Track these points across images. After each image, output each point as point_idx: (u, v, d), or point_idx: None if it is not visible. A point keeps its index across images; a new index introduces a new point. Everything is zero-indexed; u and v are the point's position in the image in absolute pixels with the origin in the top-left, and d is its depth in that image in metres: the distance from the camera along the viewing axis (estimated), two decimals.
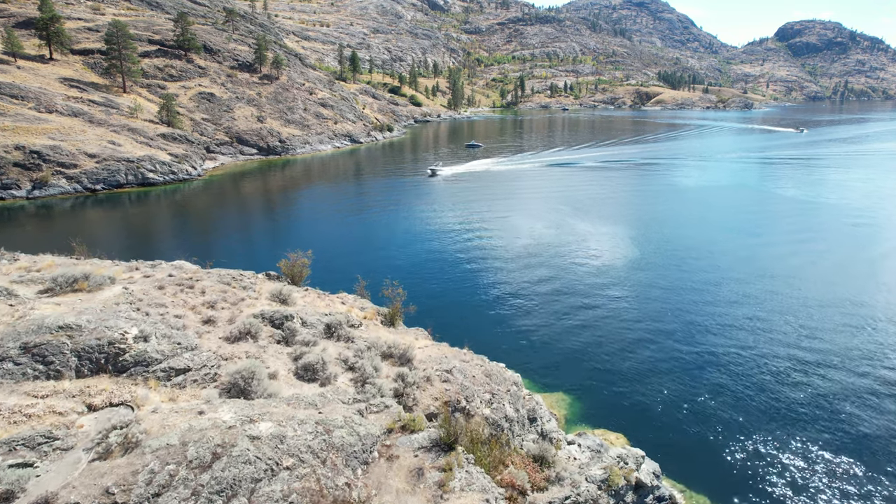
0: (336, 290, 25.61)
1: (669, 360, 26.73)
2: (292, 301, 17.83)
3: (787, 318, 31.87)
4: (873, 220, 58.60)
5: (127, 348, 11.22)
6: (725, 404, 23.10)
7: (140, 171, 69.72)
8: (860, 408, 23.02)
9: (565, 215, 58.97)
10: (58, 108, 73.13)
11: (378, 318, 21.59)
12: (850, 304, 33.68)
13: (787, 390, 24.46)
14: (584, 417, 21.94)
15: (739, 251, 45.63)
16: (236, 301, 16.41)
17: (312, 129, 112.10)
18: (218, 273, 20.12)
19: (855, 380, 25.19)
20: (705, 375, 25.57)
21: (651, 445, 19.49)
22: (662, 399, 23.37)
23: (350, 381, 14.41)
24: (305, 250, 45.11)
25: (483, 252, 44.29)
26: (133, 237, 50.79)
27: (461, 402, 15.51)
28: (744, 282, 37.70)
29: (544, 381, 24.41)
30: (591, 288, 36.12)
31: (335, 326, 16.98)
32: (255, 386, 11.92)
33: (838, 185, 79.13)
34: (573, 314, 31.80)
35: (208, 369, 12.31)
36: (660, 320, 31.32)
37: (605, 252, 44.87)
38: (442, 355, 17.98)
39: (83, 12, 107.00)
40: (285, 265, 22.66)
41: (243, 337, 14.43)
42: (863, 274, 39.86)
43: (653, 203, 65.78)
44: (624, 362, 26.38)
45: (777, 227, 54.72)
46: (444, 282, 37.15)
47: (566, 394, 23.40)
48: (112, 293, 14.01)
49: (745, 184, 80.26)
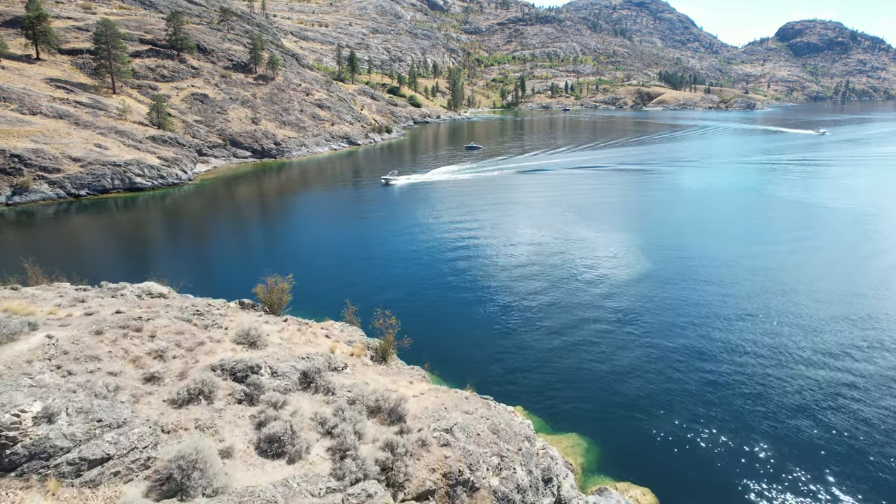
0: (322, 317, 22.82)
1: (700, 393, 23.88)
2: (263, 343, 15.02)
3: (840, 342, 29.08)
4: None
5: (20, 435, 8.45)
6: (778, 451, 20.18)
7: (127, 176, 66.90)
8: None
9: (571, 224, 56.17)
10: (42, 109, 70.32)
11: (368, 354, 18.82)
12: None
13: (852, 429, 21.67)
14: (604, 466, 19.14)
15: (801, 269, 41.29)
16: (193, 346, 13.63)
17: (309, 131, 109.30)
18: (181, 305, 17.34)
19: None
20: (744, 410, 22.72)
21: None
22: (694, 443, 20.57)
23: (327, 451, 11.63)
24: (293, 262, 42.35)
25: (482, 270, 41.34)
26: (108, 250, 47.64)
27: (463, 471, 12.75)
28: (795, 301, 34.72)
29: (556, 422, 21.62)
30: (603, 311, 33.08)
31: (313, 374, 14.19)
32: (196, 478, 9.14)
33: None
34: (584, 341, 28.92)
35: (139, 453, 9.53)
36: (688, 347, 28.45)
37: (616, 267, 42.01)
38: (440, 405, 15.21)
39: (73, 11, 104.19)
40: (262, 292, 19.87)
41: (195, 398, 11.65)
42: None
43: (684, 216, 61.28)
44: (647, 398, 23.55)
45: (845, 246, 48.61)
46: (441, 305, 34.13)
47: (582, 437, 20.59)
48: (26, 346, 11.22)
49: (785, 194, 72.78)
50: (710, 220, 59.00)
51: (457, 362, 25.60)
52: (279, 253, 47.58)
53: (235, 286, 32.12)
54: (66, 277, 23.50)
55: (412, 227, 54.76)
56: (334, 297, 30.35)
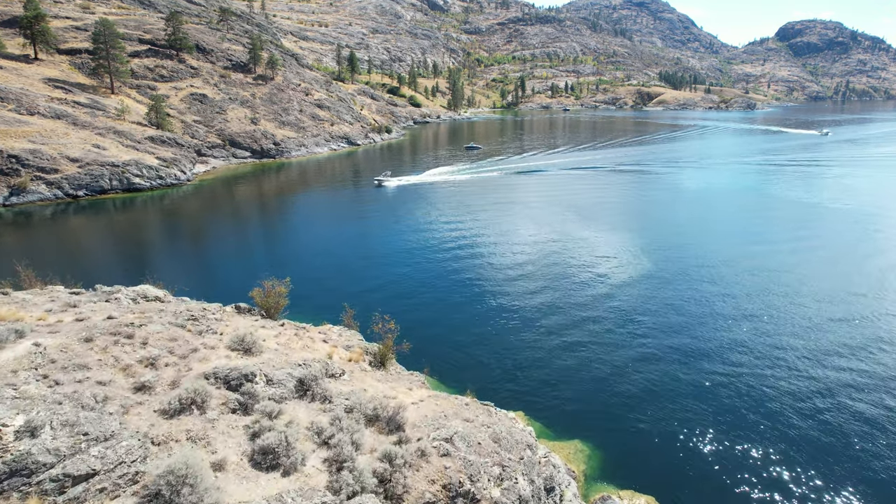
0: (320, 321, 22.50)
1: (706, 396, 23.49)
2: (258, 349, 14.65)
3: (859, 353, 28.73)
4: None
5: (0, 451, 8.09)
6: (788, 456, 19.76)
7: (125, 176, 66.52)
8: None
9: (570, 223, 55.83)
10: (40, 109, 69.95)
11: (366, 359, 18.46)
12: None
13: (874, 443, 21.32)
14: (606, 473, 18.77)
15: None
16: (186, 353, 13.26)
17: (308, 131, 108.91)
18: (175, 309, 16.98)
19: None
20: (751, 414, 22.36)
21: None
22: (700, 449, 20.20)
23: (323, 463, 11.27)
24: (292, 264, 42.00)
25: (482, 271, 40.94)
26: (105, 251, 47.21)
27: (464, 483, 12.38)
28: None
29: (558, 427, 21.24)
30: (604, 311, 32.69)
31: (310, 382, 13.83)
32: (186, 494, 8.78)
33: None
34: (586, 342, 28.56)
35: (126, 467, 9.17)
36: (692, 349, 28.08)
37: (616, 268, 41.66)
38: (440, 413, 14.85)
39: (72, 11, 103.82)
40: (259, 295, 19.50)
41: (187, 408, 11.29)
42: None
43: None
44: (651, 401, 23.18)
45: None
46: (440, 306, 33.72)
47: (584, 442, 20.21)
48: (12, 355, 10.85)
49: (787, 194, 71.88)
50: (711, 220, 58.64)
51: (457, 366, 25.24)
52: (278, 254, 47.24)
53: (233, 288, 31.85)
54: (60, 280, 23.15)
55: (411, 227, 54.41)
56: (333, 298, 30.00)
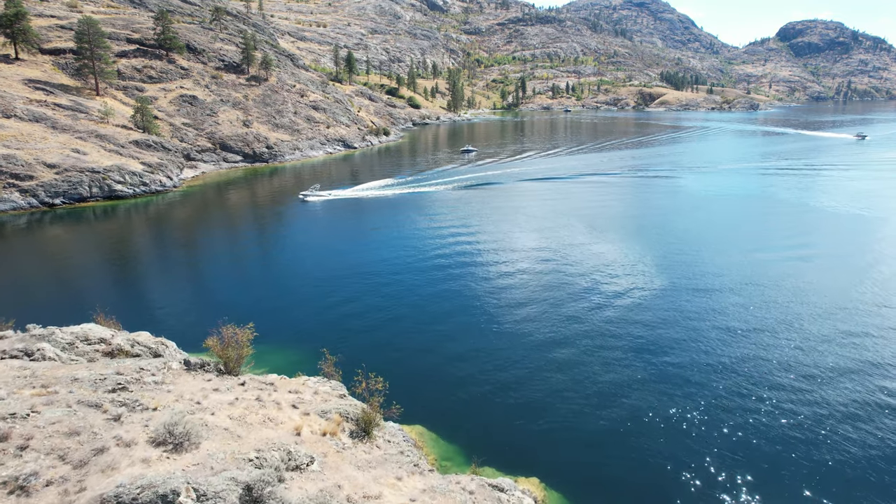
0: (294, 371, 18.78)
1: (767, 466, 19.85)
2: (196, 438, 10.97)
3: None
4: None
5: None
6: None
7: (106, 183, 62.83)
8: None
9: (576, 233, 52.18)
10: (17, 112, 66.33)
11: (346, 429, 14.79)
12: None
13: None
14: None
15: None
16: (86, 459, 9.60)
17: (303, 134, 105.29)
18: (100, 374, 13.30)
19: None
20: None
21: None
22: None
23: None
24: (268, 288, 37.22)
25: (481, 299, 37.04)
26: (67, 270, 41.97)
27: None
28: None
29: (582, 498, 17.58)
30: (631, 358, 28.76)
31: (261, 489, 10.18)
32: None
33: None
34: (611, 390, 24.68)
35: None
36: (735, 393, 24.44)
37: (655, 298, 37.97)
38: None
39: (58, 9, 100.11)
40: (216, 345, 15.83)
41: None
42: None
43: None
44: (689, 460, 19.55)
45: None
46: (435, 346, 28.44)
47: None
48: None
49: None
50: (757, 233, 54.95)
51: (455, 419, 21.37)
52: (256, 273, 41.61)
53: (204, 316, 27.74)
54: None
55: (408, 244, 50.73)
56: (314, 330, 26.24)
